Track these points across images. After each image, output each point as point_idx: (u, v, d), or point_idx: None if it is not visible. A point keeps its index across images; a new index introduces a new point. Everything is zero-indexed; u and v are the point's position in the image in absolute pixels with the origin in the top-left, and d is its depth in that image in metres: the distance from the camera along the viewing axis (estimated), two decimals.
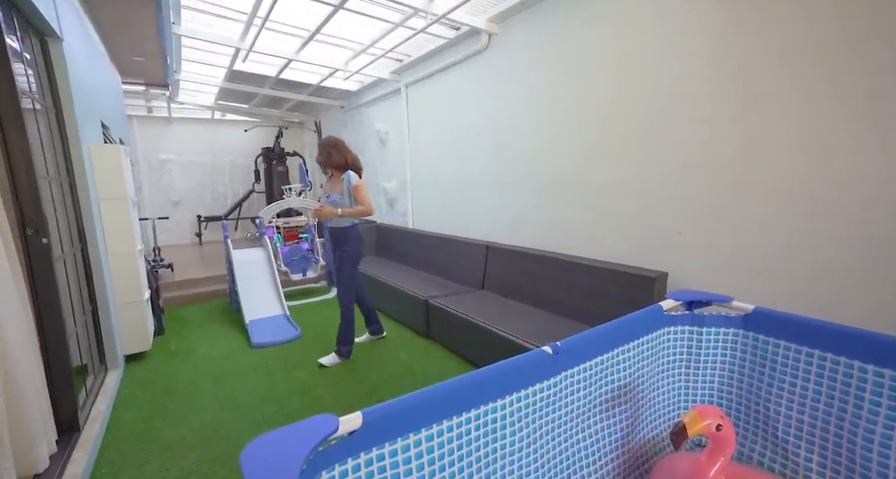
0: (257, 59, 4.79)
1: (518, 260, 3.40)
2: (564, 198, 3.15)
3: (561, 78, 3.06)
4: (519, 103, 3.46)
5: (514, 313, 3.05)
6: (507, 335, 2.60)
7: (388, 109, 5.46)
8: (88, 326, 2.70)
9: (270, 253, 4.33)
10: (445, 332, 3.27)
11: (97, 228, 2.78)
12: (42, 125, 2.32)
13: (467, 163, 4.16)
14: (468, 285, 3.81)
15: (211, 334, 3.74)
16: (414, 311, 3.56)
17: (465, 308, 3.13)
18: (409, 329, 3.68)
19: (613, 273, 2.58)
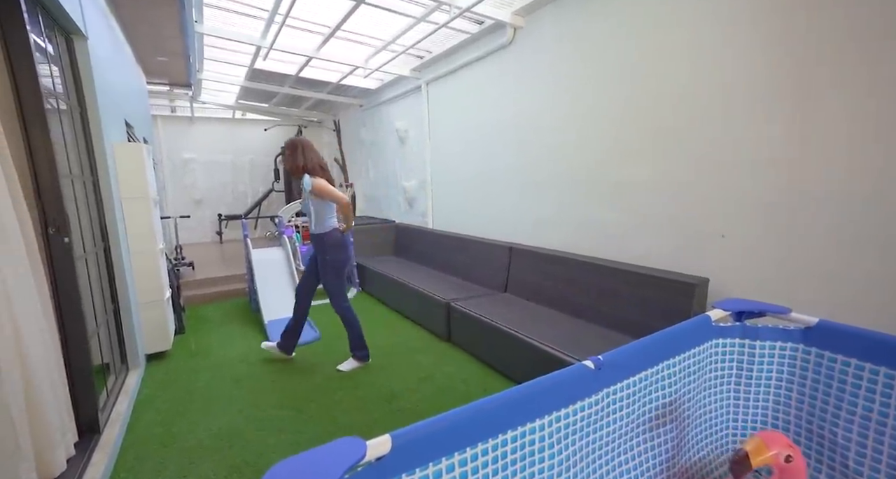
0: (278, 57, 4.77)
1: (543, 262, 3.28)
2: (593, 197, 3.01)
3: (592, 72, 2.92)
4: (544, 99, 3.33)
5: (540, 317, 2.93)
6: (534, 342, 2.48)
7: (407, 106, 5.38)
8: (110, 325, 2.69)
9: (290, 252, 4.31)
10: (467, 336, 3.17)
11: (119, 226, 2.77)
12: (66, 123, 2.30)
13: (489, 161, 4.05)
14: (490, 287, 3.70)
15: (230, 333, 3.73)
16: (434, 314, 3.47)
17: (488, 312, 3.02)
18: (429, 332, 3.59)
19: (648, 278, 2.43)
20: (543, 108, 3.36)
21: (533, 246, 3.49)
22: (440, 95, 4.73)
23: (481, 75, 4.04)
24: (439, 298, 3.41)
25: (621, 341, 2.39)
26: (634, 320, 2.47)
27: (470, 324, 3.10)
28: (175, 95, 6.84)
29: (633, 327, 2.48)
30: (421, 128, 5.12)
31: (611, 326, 2.63)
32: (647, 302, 2.42)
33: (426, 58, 4.67)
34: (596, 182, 2.98)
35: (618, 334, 2.52)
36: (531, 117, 3.49)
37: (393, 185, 6.04)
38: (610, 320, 2.65)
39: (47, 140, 1.91)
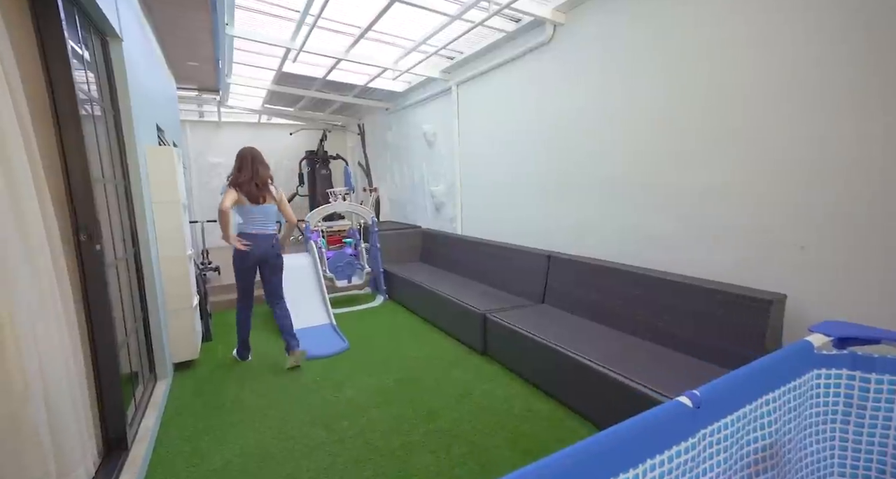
0: (306, 59, 4.70)
1: (585, 272, 3.08)
2: (643, 204, 2.81)
3: (643, 69, 2.73)
4: (587, 99, 3.15)
5: (585, 332, 2.73)
6: (585, 360, 2.29)
7: (436, 109, 5.26)
8: (139, 334, 2.61)
9: (317, 259, 4.21)
10: (505, 350, 2.99)
11: (150, 231, 2.70)
12: (99, 126, 2.24)
13: (523, 165, 3.88)
14: (526, 297, 3.51)
15: (256, 342, 3.63)
16: (469, 325, 3.30)
17: (528, 325, 2.84)
18: (463, 345, 3.42)
19: (712, 293, 2.21)
20: (586, 108, 3.17)
21: (574, 255, 3.29)
22: (471, 96, 4.59)
23: (516, 75, 3.87)
24: (475, 309, 3.24)
25: (682, 362, 2.18)
26: (696, 340, 2.25)
27: (508, 337, 2.92)
28: (203, 100, 6.89)
29: (693, 347, 2.26)
30: (450, 131, 4.99)
31: (666, 344, 2.41)
32: (710, 319, 2.19)
33: (457, 59, 4.53)
34: (647, 188, 2.78)
35: (675, 354, 2.31)
36: (572, 119, 3.30)
37: (419, 189, 5.92)
38: (665, 338, 2.43)
39: (80, 143, 1.82)
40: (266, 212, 3.07)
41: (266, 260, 3.10)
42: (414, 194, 6.12)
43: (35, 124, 1.60)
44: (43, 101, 1.73)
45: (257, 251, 3.03)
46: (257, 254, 3.03)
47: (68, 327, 1.69)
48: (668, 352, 2.34)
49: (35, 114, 1.65)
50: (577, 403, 2.36)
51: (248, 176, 3.00)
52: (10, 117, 1.41)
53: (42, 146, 1.66)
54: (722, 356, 2.10)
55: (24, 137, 1.48)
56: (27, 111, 1.53)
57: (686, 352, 2.29)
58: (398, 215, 6.70)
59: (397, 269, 4.91)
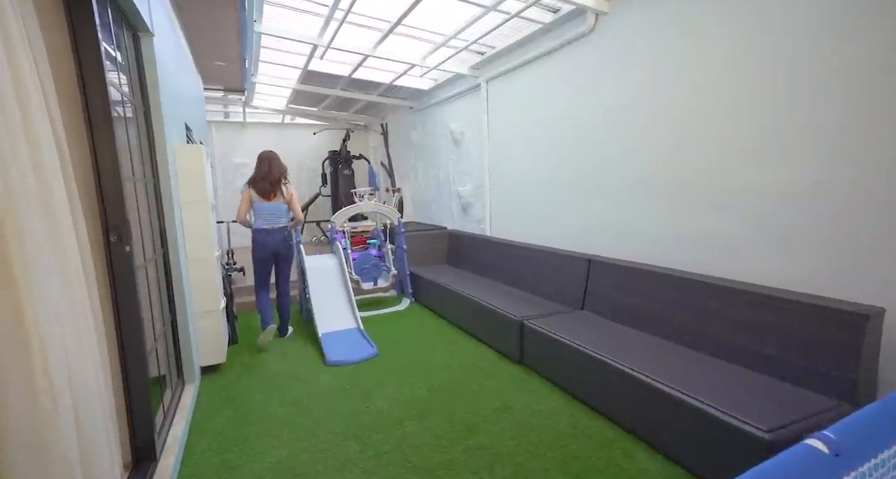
0: (332, 57, 4.61)
1: (630, 277, 2.88)
2: (698, 205, 2.60)
3: (699, 59, 2.52)
4: (633, 93, 2.95)
5: (633, 342, 2.54)
6: (636, 374, 2.10)
7: (464, 107, 5.11)
8: (167, 337, 2.53)
9: (343, 260, 4.10)
10: (544, 360, 2.81)
11: (178, 232, 2.62)
12: (130, 124, 2.16)
13: (559, 164, 3.69)
14: (564, 303, 3.32)
15: (283, 346, 3.54)
16: (504, 332, 3.14)
17: (570, 334, 2.66)
18: (497, 352, 3.25)
19: (790, 304, 1.98)
20: (631, 103, 2.97)
21: (617, 259, 3.09)
22: (501, 93, 4.42)
23: (551, 70, 3.69)
24: (510, 315, 3.07)
25: (755, 381, 1.97)
26: (770, 357, 2.03)
27: (548, 346, 2.74)
28: (228, 101, 6.90)
29: (767, 364, 2.04)
30: (479, 129, 4.83)
31: (733, 360, 2.19)
32: (788, 335, 1.97)
33: (487, 54, 4.37)
34: (703, 187, 2.57)
35: (746, 371, 2.09)
36: (615, 114, 3.11)
37: (445, 189, 5.77)
38: (731, 353, 2.21)
39: (112, 142, 1.73)
40: (274, 209, 3.47)
41: (278, 252, 3.52)
42: (439, 194, 5.98)
43: (67, 123, 1.51)
44: (75, 99, 1.64)
45: (271, 245, 3.46)
46: (270, 247, 3.47)
47: (98, 335, 1.59)
48: (736, 369, 2.12)
49: (67, 113, 1.57)
50: (631, 422, 2.17)
51: (261, 174, 3.42)
52: (42, 119, 1.32)
53: (73, 146, 1.57)
54: (803, 377, 1.88)
55: (55, 137, 1.39)
56: (58, 112, 1.44)
57: (759, 370, 2.07)
58: (422, 216, 6.58)
59: (423, 271, 4.77)
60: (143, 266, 2.12)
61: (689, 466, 1.86)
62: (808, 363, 1.87)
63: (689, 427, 1.83)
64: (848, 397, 1.72)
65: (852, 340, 1.71)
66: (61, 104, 1.49)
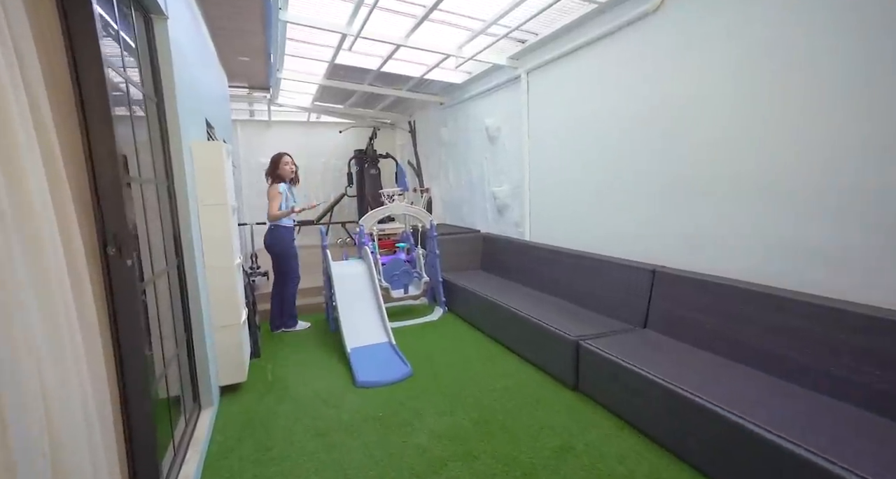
0: (361, 48, 4.32)
1: (707, 293, 2.45)
2: (803, 208, 2.15)
3: (807, 31, 2.07)
4: (712, 79, 2.52)
5: (712, 369, 2.13)
6: (733, 417, 1.69)
7: (501, 101, 4.73)
8: (181, 357, 2.26)
9: (372, 266, 3.79)
10: (605, 388, 2.42)
11: (195, 239, 2.35)
12: (138, 116, 1.89)
13: (614, 162, 3.27)
14: (623, 320, 2.91)
15: (308, 361, 3.25)
16: (556, 353, 2.75)
17: (638, 359, 2.26)
18: (547, 375, 2.87)
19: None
20: (710, 91, 2.54)
21: (690, 271, 2.67)
22: (545, 84, 4.03)
23: (605, 56, 3.28)
24: (564, 333, 2.69)
25: (889, 430, 1.54)
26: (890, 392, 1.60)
27: (611, 372, 2.35)
28: (253, 99, 6.74)
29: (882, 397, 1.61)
30: (517, 124, 4.44)
31: (860, 403, 1.75)
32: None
33: (529, 42, 3.98)
34: (805, 188, 2.12)
35: (879, 419, 1.66)
36: (687, 105, 2.68)
37: (478, 190, 5.41)
38: (855, 393, 1.78)
39: (110, 137, 1.44)
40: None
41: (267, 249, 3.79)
42: (472, 195, 5.62)
43: (56, 117, 1.23)
44: (66, 88, 1.36)
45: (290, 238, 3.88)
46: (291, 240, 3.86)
47: (89, 367, 1.31)
48: (866, 416, 1.69)
49: (56, 103, 1.29)
50: (730, 476, 1.76)
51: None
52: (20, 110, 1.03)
53: (64, 143, 1.29)
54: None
55: (39, 132, 1.10)
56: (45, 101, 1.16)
57: (885, 413, 1.64)
58: (453, 218, 6.23)
59: (456, 277, 4.42)
60: (151, 281, 1.84)
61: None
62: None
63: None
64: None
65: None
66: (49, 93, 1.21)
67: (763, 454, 1.60)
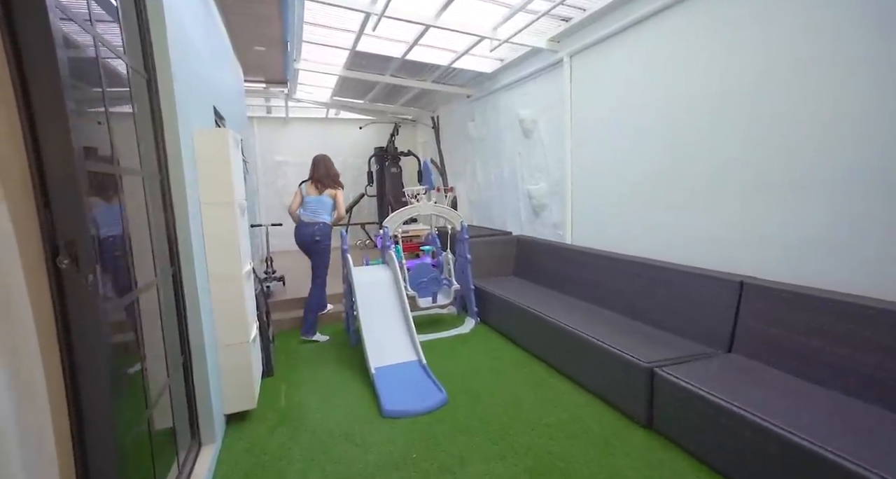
0: (385, 32, 3.93)
1: (817, 312, 1.96)
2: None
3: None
4: (819, 51, 2.02)
5: (824, 405, 1.66)
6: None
7: (538, 90, 4.27)
8: (177, 385, 1.89)
9: (398, 273, 3.38)
10: (691, 429, 1.94)
11: (195, 244, 1.98)
12: (119, 94, 1.52)
13: (681, 154, 2.79)
14: (699, 341, 2.43)
15: (327, 381, 2.86)
16: (623, 381, 2.29)
17: (729, 392, 1.80)
18: (609, 407, 2.40)
19: None
20: (815, 65, 2.04)
21: (791, 284, 2.17)
22: (591, 68, 3.56)
23: (670, 31, 2.80)
24: (634, 358, 2.22)
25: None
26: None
27: (697, 410, 1.88)
28: (271, 94, 6.44)
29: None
30: (558, 115, 3.98)
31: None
32: None
33: (574, 19, 3.52)
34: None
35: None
36: (776, 86, 2.19)
37: (510, 188, 4.96)
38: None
39: (62, 119, 1.05)
40: (318, 202, 3.58)
41: (307, 247, 3.58)
42: (502, 194, 5.17)
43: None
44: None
45: (300, 238, 3.58)
46: (300, 239, 3.58)
47: (27, 410, 0.92)
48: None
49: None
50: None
51: (314, 175, 3.65)
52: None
53: None
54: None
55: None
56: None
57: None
58: (481, 219, 5.79)
59: (487, 284, 3.99)
60: (133, 299, 1.46)
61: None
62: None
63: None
64: None
65: None
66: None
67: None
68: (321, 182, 3.58)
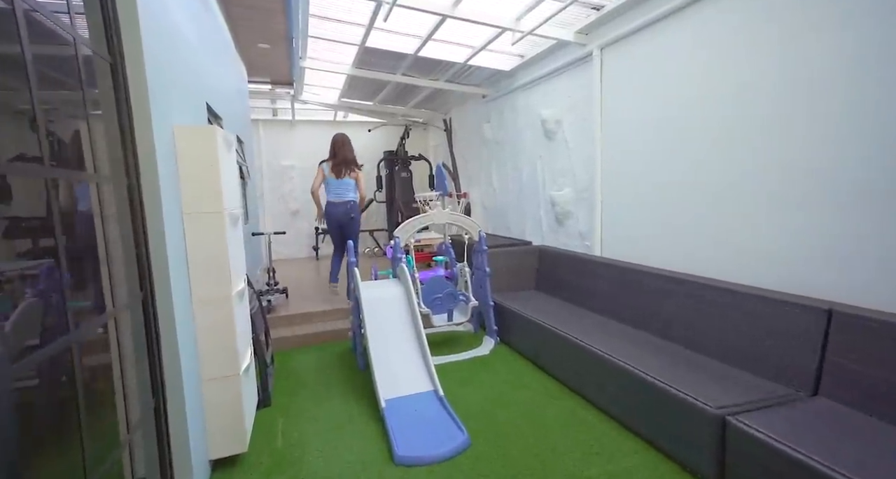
0: (397, 26, 3.62)
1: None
2: None
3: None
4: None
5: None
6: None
7: (563, 87, 3.93)
8: (148, 432, 1.55)
9: (411, 288, 3.03)
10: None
11: (173, 261, 1.65)
12: (58, 72, 1.20)
13: (747, 157, 2.41)
14: (775, 379, 2.03)
15: (331, 414, 2.51)
16: (684, 428, 1.91)
17: (826, 451, 1.41)
18: (668, 459, 2.02)
19: None
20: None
21: (892, 313, 1.78)
22: (626, 61, 3.20)
23: (719, 17, 2.44)
24: (700, 402, 1.83)
25: None
26: None
27: (786, 474, 1.50)
28: (276, 95, 6.18)
29: None
30: (586, 115, 3.63)
31: None
32: None
33: (606, 7, 3.18)
34: None
35: None
36: (872, 66, 1.82)
37: (530, 194, 4.60)
38: None
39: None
40: (343, 184, 3.97)
41: (342, 222, 3.98)
42: (520, 201, 4.82)
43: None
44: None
45: (335, 216, 3.96)
46: (335, 217, 3.97)
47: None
48: None
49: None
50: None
51: (336, 158, 3.96)
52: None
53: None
54: None
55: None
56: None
57: None
58: (496, 226, 5.44)
59: (506, 299, 3.63)
60: (68, 346, 1.13)
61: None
62: None
63: None
64: None
65: None
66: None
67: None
68: (341, 168, 3.93)
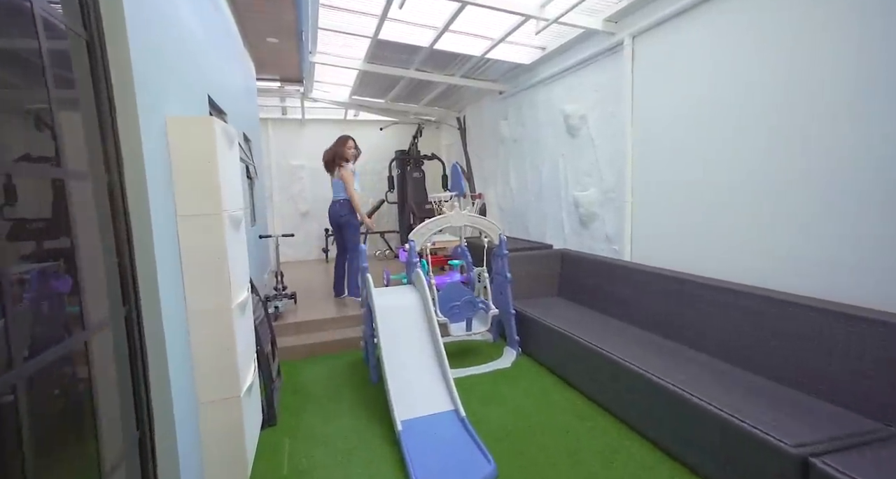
0: (412, 16, 3.41)
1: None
2: None
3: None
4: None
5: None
6: None
7: (589, 80, 3.67)
8: (131, 466, 1.34)
9: (427, 296, 2.80)
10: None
11: (164, 271, 1.44)
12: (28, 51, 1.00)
13: (790, 153, 2.14)
14: (858, 411, 1.75)
15: (342, 436, 2.29)
16: (753, 467, 1.64)
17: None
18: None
19: None
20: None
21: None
22: (661, 51, 2.94)
23: (763, 5, 2.18)
24: (774, 439, 1.57)
25: None
26: None
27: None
28: (286, 93, 6.01)
29: None
30: (615, 110, 3.37)
31: None
32: None
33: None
34: None
35: None
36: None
37: (551, 195, 4.35)
38: None
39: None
40: (335, 184, 4.07)
41: (336, 221, 4.05)
42: (539, 202, 4.57)
43: None
44: None
45: (330, 214, 4.09)
46: (330, 216, 4.09)
47: None
48: None
49: None
50: None
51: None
52: None
53: None
54: None
55: None
56: None
57: None
58: (514, 229, 5.19)
59: (527, 306, 3.39)
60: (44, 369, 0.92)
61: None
62: None
63: None
64: None
65: None
66: None
67: None
68: (328, 167, 4.06)
